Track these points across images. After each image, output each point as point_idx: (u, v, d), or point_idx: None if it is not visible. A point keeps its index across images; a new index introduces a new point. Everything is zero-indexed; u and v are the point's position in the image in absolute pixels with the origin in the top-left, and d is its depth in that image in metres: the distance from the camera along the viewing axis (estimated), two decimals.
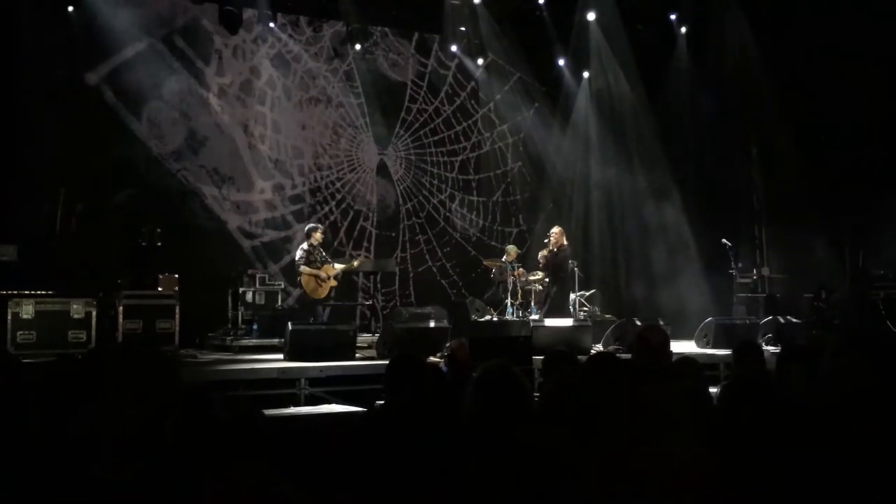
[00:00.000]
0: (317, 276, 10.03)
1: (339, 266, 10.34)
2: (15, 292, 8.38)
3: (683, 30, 13.49)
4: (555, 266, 11.13)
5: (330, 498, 2.22)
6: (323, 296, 10.16)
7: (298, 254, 10.12)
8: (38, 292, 8.52)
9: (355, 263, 10.65)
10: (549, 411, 2.75)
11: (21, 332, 8.31)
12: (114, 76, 11.35)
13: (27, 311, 8.38)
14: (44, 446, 1.70)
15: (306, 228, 10.43)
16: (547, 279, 11.42)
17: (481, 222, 14.57)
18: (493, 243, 14.33)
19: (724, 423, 3.26)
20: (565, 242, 11.23)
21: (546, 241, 11.28)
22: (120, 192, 10.98)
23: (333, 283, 10.24)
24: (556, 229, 11.26)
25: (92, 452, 1.68)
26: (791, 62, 11.81)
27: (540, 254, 11.35)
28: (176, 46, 11.91)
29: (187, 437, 1.86)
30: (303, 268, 9.99)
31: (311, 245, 10.07)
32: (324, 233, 10.56)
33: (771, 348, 8.90)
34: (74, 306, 8.63)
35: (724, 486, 2.13)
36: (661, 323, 9.66)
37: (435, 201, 14.18)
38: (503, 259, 12.02)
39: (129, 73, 11.38)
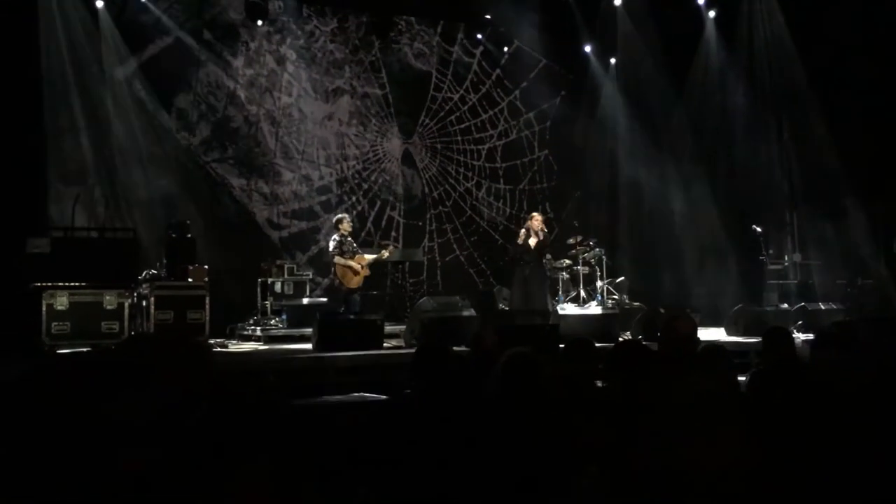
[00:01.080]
0: (350, 267, 10.08)
1: (369, 257, 10.39)
2: (49, 284, 8.55)
3: (712, 14, 13.30)
4: (541, 253, 10.75)
5: (354, 487, 2.23)
6: (357, 285, 10.22)
7: (331, 245, 10.19)
8: (72, 284, 8.67)
9: (385, 255, 10.63)
10: (568, 399, 2.74)
11: (56, 323, 8.49)
12: (143, 70, 11.47)
13: (61, 302, 8.55)
14: (69, 435, 1.73)
15: (334, 219, 10.51)
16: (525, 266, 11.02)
17: (508, 210, 14.53)
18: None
19: (754, 411, 3.23)
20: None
21: (529, 225, 10.87)
22: (149, 185, 11.13)
23: (366, 272, 10.31)
24: (536, 214, 10.84)
25: (116, 441, 1.70)
26: (823, 44, 11.58)
27: (522, 238, 10.57)
28: (203, 39, 12.01)
29: (214, 426, 1.88)
30: (337, 258, 10.05)
31: (341, 235, 10.14)
32: (351, 222, 10.59)
33: (802, 335, 8.78)
34: (107, 297, 8.79)
35: (755, 474, 2.11)
36: (689, 311, 9.55)
37: (461, 190, 14.16)
38: None
39: (157, 66, 11.51)
